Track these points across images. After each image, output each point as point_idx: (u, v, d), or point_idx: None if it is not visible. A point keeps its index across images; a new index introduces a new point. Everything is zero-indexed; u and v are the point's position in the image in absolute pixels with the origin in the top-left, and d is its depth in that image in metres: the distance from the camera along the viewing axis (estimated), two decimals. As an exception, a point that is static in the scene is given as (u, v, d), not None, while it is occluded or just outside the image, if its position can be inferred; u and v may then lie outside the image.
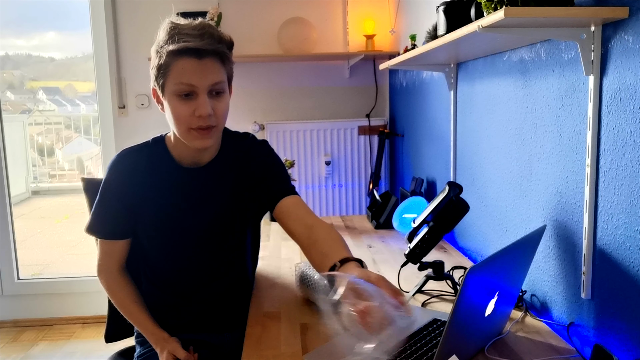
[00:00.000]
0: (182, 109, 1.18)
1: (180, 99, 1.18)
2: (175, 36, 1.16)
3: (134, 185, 1.29)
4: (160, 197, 1.31)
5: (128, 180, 1.29)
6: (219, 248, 1.38)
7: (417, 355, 1.05)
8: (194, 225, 1.34)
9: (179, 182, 1.32)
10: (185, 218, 1.33)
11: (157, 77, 1.20)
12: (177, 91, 1.18)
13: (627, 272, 1.01)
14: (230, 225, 1.38)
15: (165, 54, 1.16)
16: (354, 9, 3.09)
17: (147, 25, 3.03)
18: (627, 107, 0.99)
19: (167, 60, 1.17)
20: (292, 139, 3.07)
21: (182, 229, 1.33)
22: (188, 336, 1.38)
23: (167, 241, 1.35)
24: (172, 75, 1.17)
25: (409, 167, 2.69)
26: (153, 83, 1.23)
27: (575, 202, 1.17)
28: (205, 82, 1.17)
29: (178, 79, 1.17)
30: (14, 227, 3.16)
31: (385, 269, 1.62)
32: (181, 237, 1.34)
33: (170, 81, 1.18)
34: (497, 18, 0.99)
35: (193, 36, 1.16)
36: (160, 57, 1.18)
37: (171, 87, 1.18)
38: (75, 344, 2.92)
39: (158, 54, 1.19)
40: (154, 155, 1.32)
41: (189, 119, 1.19)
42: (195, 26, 1.19)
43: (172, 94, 1.19)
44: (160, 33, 1.21)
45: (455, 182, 1.41)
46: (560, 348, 1.10)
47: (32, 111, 8.63)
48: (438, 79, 2.13)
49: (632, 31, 0.97)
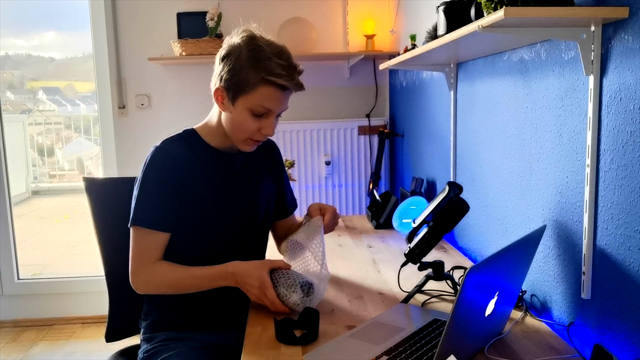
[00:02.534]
0: (251, 124, 1.30)
1: (252, 116, 1.29)
2: (266, 62, 1.24)
3: (182, 171, 1.33)
4: (204, 180, 1.36)
5: (172, 167, 1.33)
6: (252, 232, 1.45)
7: (417, 355, 1.05)
8: (235, 207, 1.40)
9: (219, 166, 1.40)
10: (227, 200, 1.39)
11: (232, 85, 1.27)
12: (253, 110, 1.28)
13: (627, 272, 1.01)
14: (262, 210, 1.48)
15: (253, 74, 1.25)
16: (354, 9, 3.09)
17: (147, 25, 3.03)
18: (627, 107, 0.99)
19: (253, 80, 1.25)
20: (292, 139, 3.07)
21: (225, 211, 1.39)
22: (195, 334, 1.38)
23: (210, 224, 1.37)
24: (255, 95, 1.26)
25: (409, 167, 2.69)
26: (223, 85, 1.29)
27: (575, 202, 1.17)
28: (281, 109, 1.32)
29: (260, 102, 1.27)
30: (14, 227, 3.16)
31: (385, 269, 1.63)
32: (224, 218, 1.39)
33: (249, 99, 1.27)
34: (497, 18, 0.99)
35: (283, 68, 1.25)
36: (243, 71, 1.25)
37: (248, 104, 1.28)
38: (75, 344, 2.92)
39: (239, 63, 1.26)
40: (192, 143, 1.38)
41: (253, 132, 1.32)
42: (281, 56, 1.27)
43: (246, 109, 1.29)
44: (238, 41, 1.28)
45: (455, 182, 1.41)
46: (560, 348, 1.10)
47: (32, 111, 8.62)
48: (438, 79, 2.13)
49: (632, 31, 0.97)
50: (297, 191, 3.06)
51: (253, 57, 1.25)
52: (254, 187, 1.45)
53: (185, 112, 3.10)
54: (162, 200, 1.32)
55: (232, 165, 1.42)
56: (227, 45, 1.30)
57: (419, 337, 1.13)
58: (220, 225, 1.39)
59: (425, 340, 1.12)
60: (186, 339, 1.37)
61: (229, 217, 1.40)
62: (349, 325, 1.23)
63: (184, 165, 1.34)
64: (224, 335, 1.42)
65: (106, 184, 1.65)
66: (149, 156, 1.34)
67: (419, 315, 1.27)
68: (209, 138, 1.40)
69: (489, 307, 1.00)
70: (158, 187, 1.32)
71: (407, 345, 1.09)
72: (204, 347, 1.36)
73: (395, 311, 1.30)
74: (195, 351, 1.33)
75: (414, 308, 1.32)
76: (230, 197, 1.40)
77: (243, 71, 1.25)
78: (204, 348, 1.36)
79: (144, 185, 1.33)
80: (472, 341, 1.04)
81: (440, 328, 1.17)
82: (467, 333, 0.98)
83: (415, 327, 1.19)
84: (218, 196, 1.38)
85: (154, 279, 1.33)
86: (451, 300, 1.38)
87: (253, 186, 1.45)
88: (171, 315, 1.40)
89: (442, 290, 1.43)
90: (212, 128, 1.39)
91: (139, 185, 1.34)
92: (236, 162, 1.43)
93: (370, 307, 1.34)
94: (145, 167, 1.34)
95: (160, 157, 1.33)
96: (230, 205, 1.40)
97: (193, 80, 3.09)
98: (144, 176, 1.33)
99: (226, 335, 1.42)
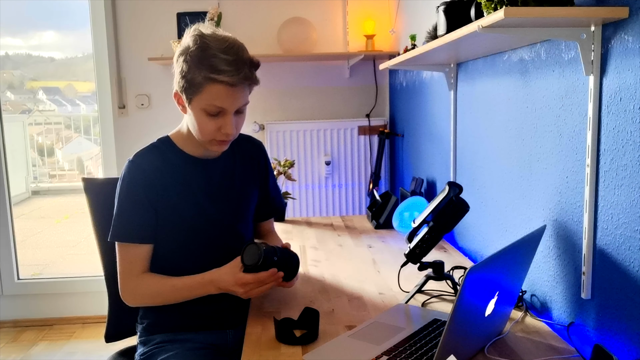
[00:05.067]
0: (208, 124, 1.27)
1: (208, 116, 1.27)
2: (210, 59, 1.21)
3: (155, 183, 1.32)
4: (181, 189, 1.35)
5: (148, 178, 1.32)
6: (235, 239, 1.42)
7: (417, 355, 1.05)
8: (216, 214, 1.38)
9: (196, 173, 1.38)
10: (207, 207, 1.37)
11: (185, 88, 1.26)
12: (206, 110, 1.26)
13: (627, 272, 1.01)
14: (245, 215, 1.45)
15: (198, 74, 1.22)
16: (354, 9, 3.09)
17: (147, 25, 3.03)
18: (627, 107, 0.99)
19: (199, 80, 1.22)
20: (292, 139, 3.07)
21: (205, 218, 1.37)
22: (192, 335, 1.38)
23: (191, 233, 1.36)
24: (204, 95, 1.24)
25: (409, 167, 2.69)
26: (178, 89, 1.28)
27: (575, 202, 1.17)
28: (235, 105, 1.27)
29: (210, 101, 1.24)
30: (14, 227, 3.16)
31: (385, 269, 1.63)
32: (205, 225, 1.37)
33: (200, 99, 1.25)
34: (497, 18, 0.99)
35: (228, 63, 1.21)
36: (190, 71, 1.23)
37: (201, 104, 1.25)
38: (75, 344, 2.92)
39: (187, 64, 1.23)
40: (166, 152, 1.37)
41: (214, 133, 1.29)
42: (228, 51, 1.22)
43: (201, 110, 1.26)
44: (188, 41, 1.26)
45: (455, 182, 1.41)
46: (560, 348, 1.10)
47: (32, 111, 8.63)
48: (438, 79, 2.13)
49: (632, 31, 0.97)
50: (297, 191, 3.06)
51: (198, 55, 1.22)
52: (236, 192, 1.43)
53: (185, 112, 3.10)
54: (139, 213, 1.32)
55: (210, 171, 1.40)
56: (180, 46, 1.28)
57: (419, 337, 1.13)
58: (202, 232, 1.37)
59: (425, 340, 1.12)
60: (182, 340, 1.37)
61: (210, 224, 1.38)
62: (349, 325, 1.23)
63: (156, 176, 1.33)
64: (221, 336, 1.42)
65: (105, 184, 1.65)
66: (123, 171, 1.35)
67: (419, 315, 1.27)
68: (182, 145, 1.38)
69: (489, 307, 1.00)
70: (133, 202, 1.32)
71: (407, 345, 1.09)
72: (200, 348, 1.36)
73: (395, 311, 1.30)
74: (192, 352, 1.33)
75: (414, 308, 1.32)
76: (210, 203, 1.38)
77: (190, 72, 1.23)
78: (200, 349, 1.36)
79: (120, 200, 1.33)
80: (472, 341, 1.04)
81: (440, 328, 1.17)
82: (467, 333, 0.98)
83: (415, 327, 1.19)
84: (196, 204, 1.36)
85: (140, 292, 1.34)
86: (451, 300, 1.38)
87: (235, 192, 1.43)
88: (166, 318, 1.39)
89: (442, 290, 1.43)
90: (184, 134, 1.37)
91: (116, 200, 1.34)
92: (215, 168, 1.40)
93: (370, 307, 1.33)
94: (120, 182, 1.34)
95: (132, 171, 1.33)
96: (210, 212, 1.38)
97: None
98: (119, 191, 1.34)
99: (223, 336, 1.42)
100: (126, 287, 1.34)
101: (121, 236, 1.33)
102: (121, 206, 1.33)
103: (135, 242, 1.33)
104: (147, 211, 1.32)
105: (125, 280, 1.34)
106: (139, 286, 1.33)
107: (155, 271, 1.36)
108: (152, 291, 1.33)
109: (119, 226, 1.33)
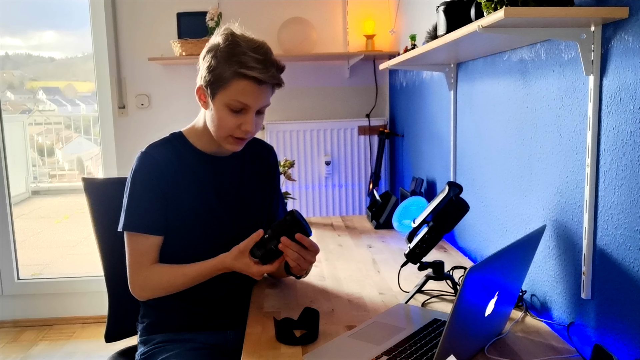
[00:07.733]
0: (230, 120, 1.29)
1: (230, 112, 1.28)
2: (240, 56, 1.24)
3: (166, 175, 1.33)
4: (190, 183, 1.36)
5: (160, 170, 1.32)
6: (241, 235, 1.38)
7: (417, 355, 1.05)
8: (223, 210, 1.39)
9: (206, 169, 1.38)
10: (214, 203, 1.38)
11: (210, 82, 1.27)
12: (230, 105, 1.27)
13: (627, 272, 1.01)
14: (251, 213, 1.45)
15: (228, 69, 1.24)
16: (354, 9, 3.08)
17: (147, 25, 3.03)
18: (627, 107, 0.99)
19: (228, 75, 1.25)
20: (292, 139, 3.07)
21: (212, 214, 1.37)
22: (192, 335, 1.38)
23: (197, 227, 1.36)
24: (230, 91, 1.26)
25: (409, 167, 2.69)
26: (203, 83, 1.30)
27: (575, 202, 1.17)
28: (258, 104, 1.29)
29: (235, 97, 1.26)
30: (14, 227, 3.16)
31: (385, 269, 1.63)
32: (212, 220, 1.37)
33: (225, 94, 1.26)
34: (497, 18, 0.99)
35: (257, 61, 1.24)
36: (219, 66, 1.25)
37: (225, 100, 1.27)
38: (75, 344, 2.92)
39: (216, 60, 1.26)
40: (178, 147, 1.38)
41: (233, 129, 1.30)
42: (258, 51, 1.26)
43: (224, 105, 1.28)
44: (218, 39, 1.28)
45: (455, 182, 1.41)
46: (560, 348, 1.10)
47: (32, 111, 8.62)
48: (438, 79, 2.13)
49: (632, 31, 0.97)
50: (297, 191, 3.06)
51: (228, 52, 1.25)
52: (245, 191, 1.44)
53: (185, 112, 3.09)
54: (151, 204, 1.32)
55: (221, 168, 1.41)
56: (208, 44, 1.30)
57: (419, 337, 1.13)
58: (210, 228, 1.38)
59: (425, 340, 1.12)
60: (183, 340, 1.37)
61: (219, 220, 1.39)
62: (349, 325, 1.23)
63: (169, 169, 1.33)
64: (221, 336, 1.42)
65: (105, 184, 1.65)
66: (135, 161, 1.35)
67: (419, 315, 1.27)
68: (196, 141, 1.39)
69: (489, 307, 1.00)
70: (146, 192, 1.32)
71: (407, 345, 1.09)
72: (201, 348, 1.36)
73: (395, 311, 1.30)
74: (192, 352, 1.33)
75: (414, 308, 1.32)
76: (219, 200, 1.39)
77: (219, 67, 1.25)
78: (201, 349, 1.36)
79: (132, 190, 1.33)
80: (472, 341, 1.04)
81: (440, 328, 1.17)
82: (467, 333, 0.99)
83: (415, 327, 1.19)
84: (206, 200, 1.37)
85: (150, 284, 1.33)
86: (451, 300, 1.38)
87: (245, 190, 1.44)
88: (167, 318, 1.39)
89: (442, 290, 1.43)
90: (198, 130, 1.39)
91: (127, 190, 1.34)
92: (226, 166, 1.42)
93: (370, 307, 1.33)
94: (132, 173, 1.34)
95: (145, 162, 1.33)
96: (219, 209, 1.39)
97: (193, 80, 3.02)
98: (131, 181, 1.33)
99: (223, 336, 1.42)
100: (136, 279, 1.33)
101: (132, 226, 1.32)
102: (132, 196, 1.32)
103: (147, 233, 1.32)
104: (159, 201, 1.32)
105: (136, 272, 1.33)
106: (150, 277, 1.32)
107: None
108: (163, 281, 1.33)
109: (130, 216, 1.32)
